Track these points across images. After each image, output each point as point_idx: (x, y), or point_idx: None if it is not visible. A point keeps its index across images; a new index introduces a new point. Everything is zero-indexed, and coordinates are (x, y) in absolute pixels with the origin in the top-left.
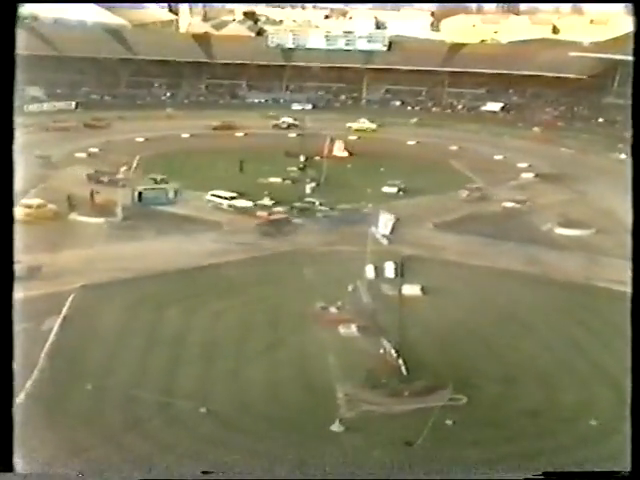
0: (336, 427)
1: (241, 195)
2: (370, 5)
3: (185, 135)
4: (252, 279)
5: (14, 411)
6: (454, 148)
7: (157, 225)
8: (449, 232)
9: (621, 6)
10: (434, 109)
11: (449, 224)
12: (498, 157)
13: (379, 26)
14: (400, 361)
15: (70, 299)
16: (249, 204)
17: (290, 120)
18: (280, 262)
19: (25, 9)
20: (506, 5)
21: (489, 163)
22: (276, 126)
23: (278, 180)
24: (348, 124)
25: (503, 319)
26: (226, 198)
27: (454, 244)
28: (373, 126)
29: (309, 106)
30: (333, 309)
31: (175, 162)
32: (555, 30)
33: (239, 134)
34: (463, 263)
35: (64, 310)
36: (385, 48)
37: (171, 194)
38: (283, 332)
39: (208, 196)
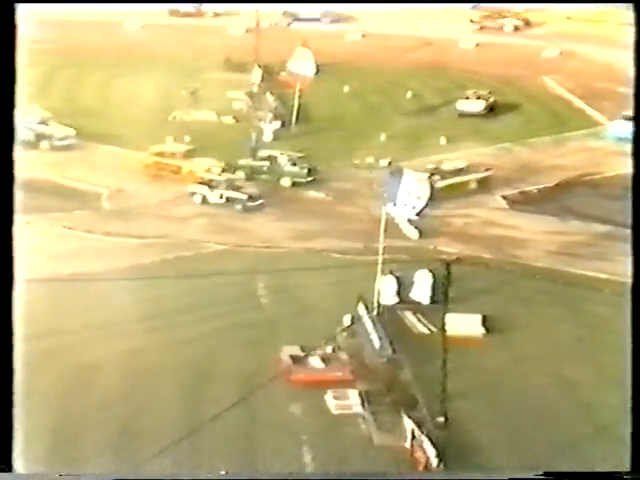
0: None
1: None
2: None
3: None
4: (149, 305)
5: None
6: (551, 54)
7: None
8: (536, 213)
9: None
10: None
11: (537, 198)
12: None
13: None
14: (441, 464)
15: None
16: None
17: None
18: (209, 271)
19: None
20: None
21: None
22: None
23: (209, 115)
24: None
25: None
26: None
27: (544, 236)
28: None
29: None
30: (315, 360)
31: None
32: None
33: (131, 26)
34: (564, 273)
35: None
36: None
37: None
38: (210, 407)
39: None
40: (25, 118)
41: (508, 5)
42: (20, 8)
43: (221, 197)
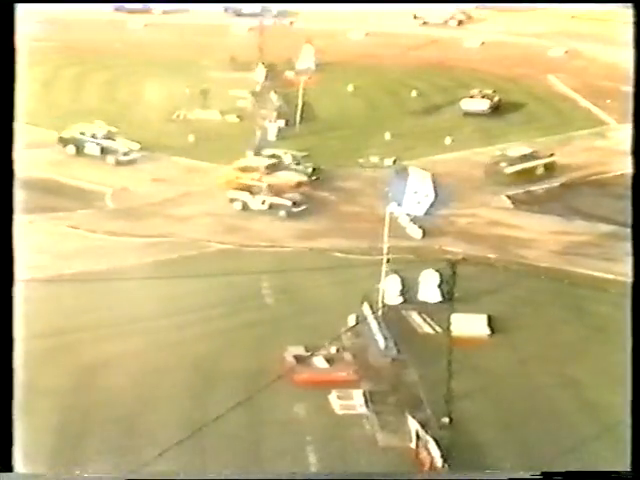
0: None
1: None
2: None
3: None
4: (153, 304)
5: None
6: (557, 53)
7: None
8: (541, 213)
9: None
10: None
11: (541, 198)
12: None
13: None
14: (446, 465)
15: None
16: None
17: None
18: (213, 270)
19: None
20: None
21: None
22: None
23: (213, 115)
24: None
25: None
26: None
27: (549, 236)
28: None
29: None
30: (319, 360)
31: None
32: None
33: (134, 24)
34: (570, 273)
35: None
36: None
37: None
38: (214, 407)
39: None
40: (90, 132)
41: (505, 5)
42: (20, 8)
43: (263, 203)
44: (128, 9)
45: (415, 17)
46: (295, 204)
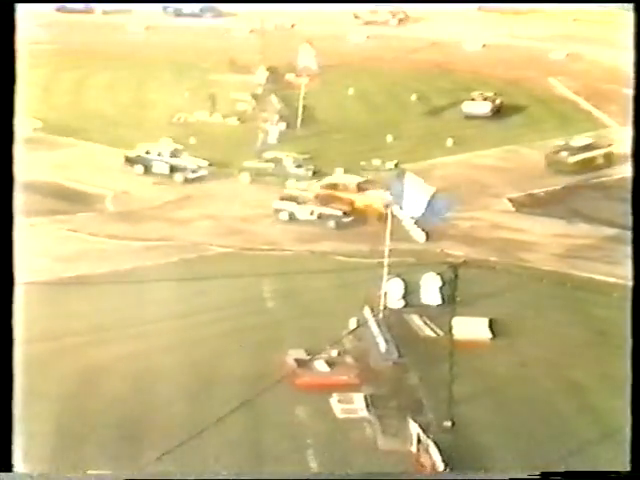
0: None
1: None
2: None
3: None
4: (153, 307)
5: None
6: (558, 56)
7: None
8: (543, 216)
9: None
10: None
11: (543, 201)
12: None
13: None
14: (447, 469)
15: None
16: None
17: None
18: (214, 273)
19: None
20: None
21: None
22: None
23: (214, 117)
24: None
25: None
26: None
27: (551, 239)
28: None
29: None
30: (320, 364)
31: None
32: None
33: (135, 28)
34: (572, 276)
35: None
36: None
37: None
38: (215, 411)
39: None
40: (157, 150)
41: (503, 5)
42: (21, 9)
43: (312, 213)
44: (70, 9)
45: (356, 17)
46: (345, 214)
